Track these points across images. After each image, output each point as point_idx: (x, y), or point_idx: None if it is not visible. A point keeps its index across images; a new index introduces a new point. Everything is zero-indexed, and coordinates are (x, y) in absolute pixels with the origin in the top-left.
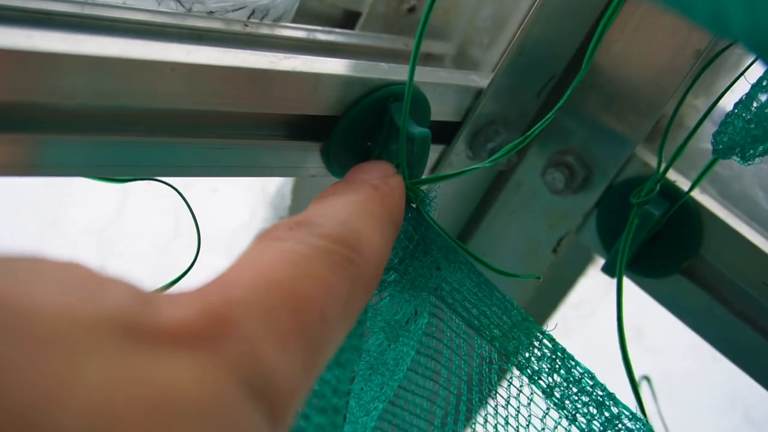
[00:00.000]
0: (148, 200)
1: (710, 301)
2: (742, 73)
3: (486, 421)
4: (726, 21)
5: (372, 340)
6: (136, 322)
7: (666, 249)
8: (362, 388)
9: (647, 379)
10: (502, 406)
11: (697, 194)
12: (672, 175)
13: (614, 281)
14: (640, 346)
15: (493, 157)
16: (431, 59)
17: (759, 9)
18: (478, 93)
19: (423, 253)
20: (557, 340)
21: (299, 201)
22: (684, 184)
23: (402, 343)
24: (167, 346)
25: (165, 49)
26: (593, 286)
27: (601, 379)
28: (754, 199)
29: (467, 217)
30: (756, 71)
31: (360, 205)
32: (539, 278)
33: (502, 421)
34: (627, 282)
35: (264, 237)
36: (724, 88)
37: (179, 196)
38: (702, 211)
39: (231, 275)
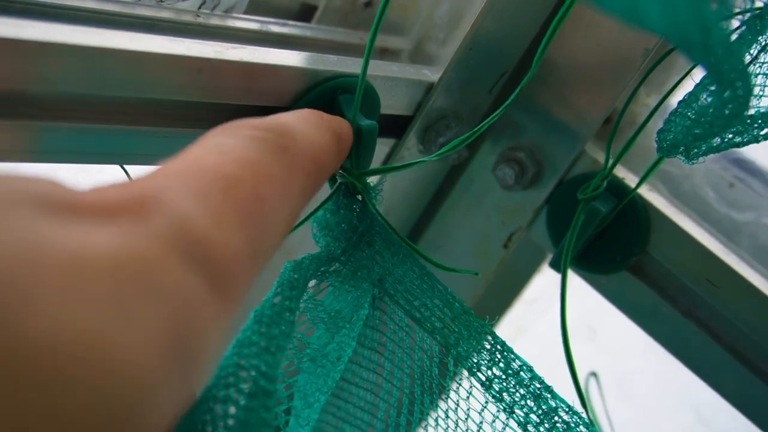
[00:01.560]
0: None
1: (657, 298)
2: (689, 72)
3: (427, 414)
4: (641, 15)
5: (315, 333)
6: (56, 197)
7: (613, 245)
8: (306, 382)
9: (595, 375)
10: (443, 400)
11: (645, 192)
12: (622, 173)
13: (569, 276)
14: (593, 345)
15: (441, 151)
16: (388, 54)
17: (671, 4)
18: (430, 87)
19: (366, 244)
20: (512, 337)
21: None
22: (633, 181)
23: (343, 334)
24: (87, 216)
25: (109, 37)
26: (547, 284)
27: (554, 375)
28: (705, 198)
29: (420, 212)
30: (703, 72)
31: (298, 114)
32: (476, 274)
33: (443, 414)
34: (581, 281)
35: (197, 141)
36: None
37: None
38: (649, 208)
39: (155, 170)
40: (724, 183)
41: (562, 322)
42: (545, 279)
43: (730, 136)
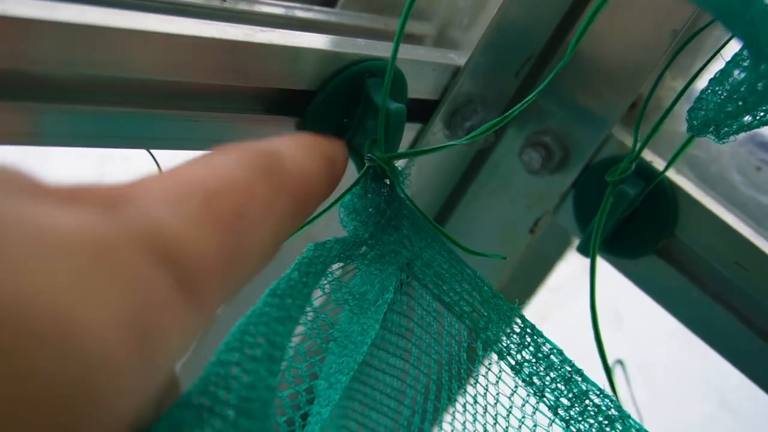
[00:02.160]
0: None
1: (685, 281)
2: (717, 52)
3: (455, 399)
4: None
5: (339, 315)
6: (25, 182)
7: (641, 229)
8: (328, 363)
9: (621, 363)
10: (471, 385)
11: (673, 175)
12: (649, 157)
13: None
14: (619, 332)
15: (469, 136)
16: (411, 39)
17: None
18: (456, 71)
19: (394, 228)
20: (536, 324)
21: None
22: (661, 165)
23: (367, 316)
24: (55, 200)
25: (139, 19)
26: (573, 271)
27: (579, 363)
28: (732, 182)
29: (446, 197)
30: (732, 50)
31: (290, 139)
32: (505, 258)
33: (471, 400)
34: (606, 268)
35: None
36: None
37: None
38: (677, 191)
39: (138, 180)
40: (750, 166)
41: (591, 308)
42: (569, 266)
43: (762, 113)
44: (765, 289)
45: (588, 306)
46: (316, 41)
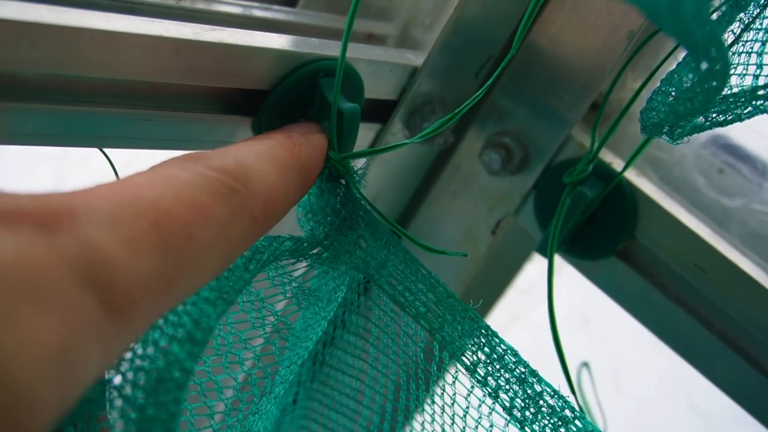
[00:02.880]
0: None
1: (645, 283)
2: (671, 53)
3: (413, 399)
4: None
5: (289, 312)
6: None
7: (601, 231)
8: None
9: (586, 365)
10: (429, 385)
11: (633, 177)
12: (610, 158)
13: (561, 267)
14: (587, 334)
15: (423, 133)
16: (373, 40)
17: None
18: (414, 72)
19: (349, 228)
20: (506, 325)
21: None
22: (621, 167)
23: (313, 312)
24: None
25: (84, 16)
26: (542, 272)
27: (548, 364)
28: (695, 184)
29: (407, 199)
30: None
31: (264, 147)
32: (465, 255)
33: (429, 400)
34: (573, 270)
35: (153, 165)
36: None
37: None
38: (637, 193)
39: (90, 188)
40: (713, 169)
41: (549, 307)
42: (538, 267)
43: (714, 115)
44: (724, 291)
45: (556, 308)
46: (269, 40)
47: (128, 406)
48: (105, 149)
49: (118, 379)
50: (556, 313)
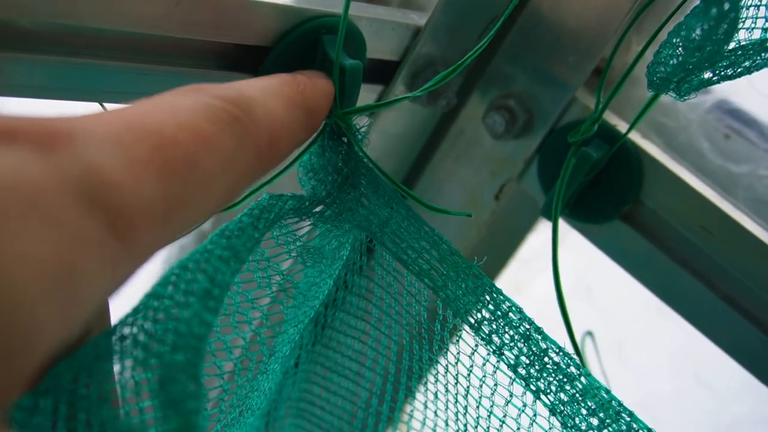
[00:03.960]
0: None
1: (650, 246)
2: (677, 9)
3: (417, 360)
4: None
5: (294, 270)
6: None
7: (606, 193)
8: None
9: (590, 334)
10: (431, 344)
11: (638, 139)
12: (615, 121)
13: (565, 235)
14: (590, 304)
15: (425, 86)
16: (376, 1)
17: None
18: (417, 31)
19: (351, 186)
20: (509, 295)
21: None
22: (626, 130)
23: (318, 270)
24: None
25: None
26: (544, 242)
27: (552, 334)
28: (700, 150)
29: (411, 163)
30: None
31: (268, 84)
32: (470, 215)
33: (431, 358)
34: (577, 240)
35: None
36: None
37: None
38: (642, 155)
39: (90, 113)
40: (719, 134)
41: (554, 270)
42: (540, 237)
43: (722, 68)
44: (730, 252)
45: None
46: None
47: (148, 354)
48: (105, 104)
49: (131, 330)
50: (561, 277)
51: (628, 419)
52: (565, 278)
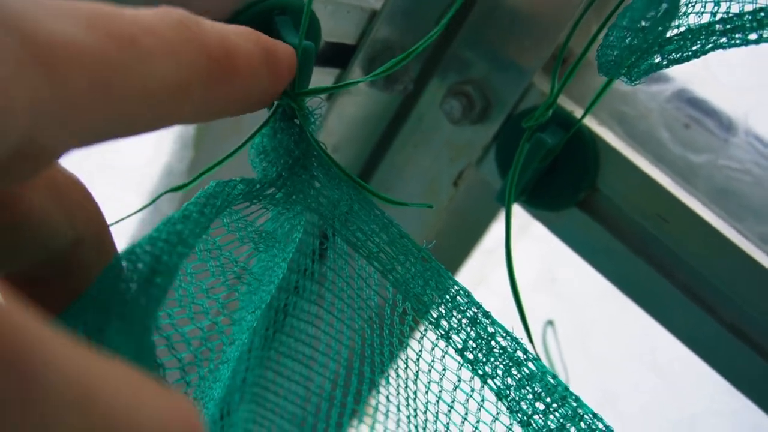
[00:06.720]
0: None
1: (607, 234)
2: None
3: (368, 344)
4: None
5: (248, 257)
6: None
7: (562, 180)
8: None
9: (551, 323)
10: (381, 328)
11: (595, 126)
12: (572, 108)
13: (529, 225)
14: (553, 293)
15: (378, 71)
16: None
17: None
18: (373, 15)
19: (302, 168)
20: (472, 287)
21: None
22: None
23: (272, 254)
24: None
25: None
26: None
27: (517, 327)
28: (660, 139)
29: (370, 149)
30: None
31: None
32: (431, 207)
33: (382, 342)
34: (542, 228)
35: None
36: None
37: None
38: (599, 142)
39: None
40: (679, 123)
41: (507, 259)
42: (503, 227)
43: (671, 52)
44: (685, 241)
45: (523, 266)
46: None
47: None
48: None
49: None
50: (518, 264)
51: (574, 404)
52: (530, 268)
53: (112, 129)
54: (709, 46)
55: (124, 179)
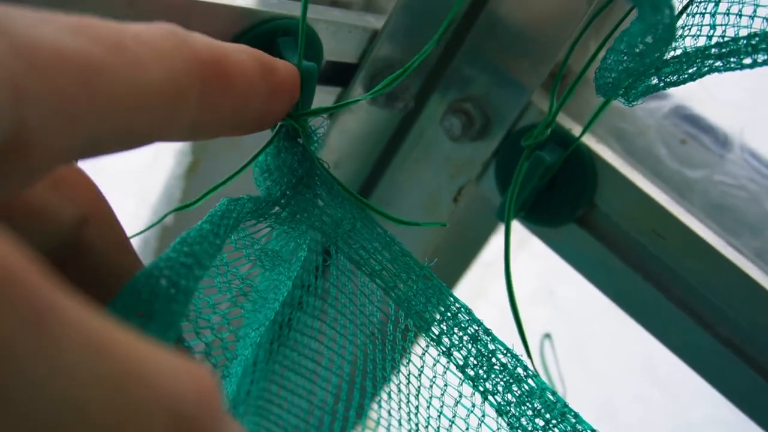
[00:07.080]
0: None
1: (604, 250)
2: (627, 13)
3: (370, 360)
4: None
5: (254, 274)
6: None
7: (560, 197)
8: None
9: (548, 336)
10: (383, 344)
11: (593, 144)
12: (571, 126)
13: (528, 240)
14: (552, 307)
15: (376, 88)
16: (338, 5)
17: None
18: (374, 34)
19: (306, 187)
20: (472, 300)
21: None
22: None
23: (278, 272)
24: None
25: None
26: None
27: (515, 340)
28: (657, 155)
29: (371, 166)
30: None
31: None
32: (445, 225)
33: (384, 358)
34: (540, 243)
35: None
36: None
37: None
38: (596, 159)
39: None
40: (675, 140)
41: (506, 274)
42: (503, 240)
43: (667, 75)
44: (681, 256)
45: (522, 279)
46: None
47: None
48: None
49: None
50: (519, 279)
51: (573, 420)
52: (528, 282)
53: (106, 136)
54: (705, 69)
55: (123, 184)
